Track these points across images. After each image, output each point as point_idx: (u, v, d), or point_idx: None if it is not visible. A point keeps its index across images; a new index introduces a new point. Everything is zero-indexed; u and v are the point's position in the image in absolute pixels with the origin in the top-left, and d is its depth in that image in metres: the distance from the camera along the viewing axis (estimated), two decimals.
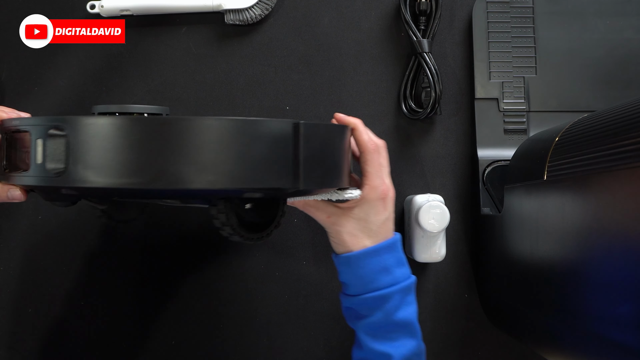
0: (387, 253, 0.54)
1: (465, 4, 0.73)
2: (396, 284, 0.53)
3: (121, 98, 0.71)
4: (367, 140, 0.54)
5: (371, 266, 0.53)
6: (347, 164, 0.51)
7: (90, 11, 0.71)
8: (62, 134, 0.42)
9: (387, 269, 0.53)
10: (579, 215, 0.46)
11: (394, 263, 0.54)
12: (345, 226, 0.54)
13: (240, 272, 0.70)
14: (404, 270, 0.55)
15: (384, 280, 0.53)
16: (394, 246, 0.55)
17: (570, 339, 0.48)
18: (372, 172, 0.54)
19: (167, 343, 0.69)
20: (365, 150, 0.54)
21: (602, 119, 0.48)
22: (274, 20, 0.73)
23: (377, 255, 0.53)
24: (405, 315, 0.54)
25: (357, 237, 0.54)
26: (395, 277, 0.53)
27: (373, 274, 0.53)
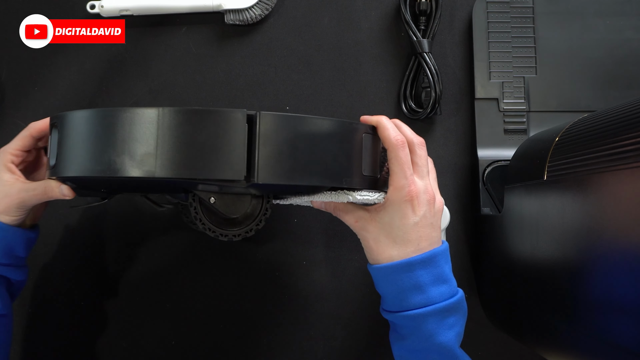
0: (422, 269, 0.48)
1: (465, 4, 0.73)
2: (431, 304, 0.47)
3: (121, 98, 0.71)
4: (391, 136, 0.49)
5: (401, 282, 0.48)
6: (351, 161, 0.48)
7: (90, 11, 0.71)
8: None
9: (420, 287, 0.47)
10: (579, 215, 0.46)
11: (430, 280, 0.48)
12: (371, 232, 0.49)
13: (240, 272, 0.70)
14: (443, 288, 0.48)
15: (415, 300, 0.48)
16: (432, 260, 0.48)
17: (570, 339, 0.48)
18: (396, 171, 0.48)
19: (167, 343, 0.69)
20: (389, 147, 0.49)
21: (602, 119, 0.48)
22: (274, 20, 0.73)
23: (408, 270, 0.48)
24: (443, 340, 0.48)
25: (381, 243, 0.49)
26: (430, 297, 0.47)
27: (404, 291, 0.48)
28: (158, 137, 0.42)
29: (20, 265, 0.57)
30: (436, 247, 0.49)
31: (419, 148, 0.50)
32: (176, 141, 0.42)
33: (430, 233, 0.49)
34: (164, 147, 0.42)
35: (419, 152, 0.50)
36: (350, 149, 0.48)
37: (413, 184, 0.48)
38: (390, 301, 0.49)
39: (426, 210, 0.49)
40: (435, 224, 0.50)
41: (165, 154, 0.42)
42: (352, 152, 0.48)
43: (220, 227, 0.51)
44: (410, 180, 0.48)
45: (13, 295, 0.59)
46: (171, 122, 0.42)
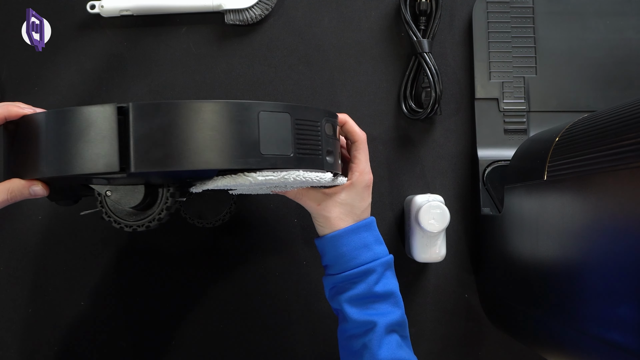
0: (366, 231, 0.57)
1: (465, 4, 0.73)
2: (377, 259, 0.56)
3: (121, 98, 0.71)
4: (358, 131, 0.58)
5: (353, 243, 0.56)
6: (242, 142, 0.46)
7: (90, 11, 0.71)
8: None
9: (367, 246, 0.56)
10: (579, 215, 0.46)
11: (373, 240, 0.57)
12: (333, 212, 0.56)
13: (241, 272, 0.70)
14: (383, 247, 0.57)
15: (365, 256, 0.56)
16: (372, 225, 0.58)
17: (570, 339, 0.48)
18: (362, 160, 0.57)
19: (168, 343, 0.69)
20: (358, 140, 0.58)
21: (602, 119, 0.48)
22: (274, 20, 0.73)
23: (357, 233, 0.56)
24: (386, 286, 0.56)
25: (343, 220, 0.56)
26: (376, 252, 0.56)
27: (355, 250, 0.56)
28: (47, 140, 0.46)
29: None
30: (371, 216, 0.59)
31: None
32: (55, 142, 0.45)
33: (369, 208, 0.59)
34: (50, 148, 0.46)
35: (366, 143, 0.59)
36: (240, 129, 0.46)
37: (370, 171, 0.58)
38: (338, 265, 0.56)
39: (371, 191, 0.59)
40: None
41: (50, 154, 0.46)
42: (242, 133, 0.46)
43: (126, 218, 0.52)
44: (369, 168, 0.58)
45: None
46: (50, 124, 0.46)
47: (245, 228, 0.70)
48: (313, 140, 0.50)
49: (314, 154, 0.50)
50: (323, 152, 0.51)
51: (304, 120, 0.49)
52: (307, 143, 0.50)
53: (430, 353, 0.71)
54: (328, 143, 0.52)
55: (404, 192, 0.71)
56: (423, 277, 0.71)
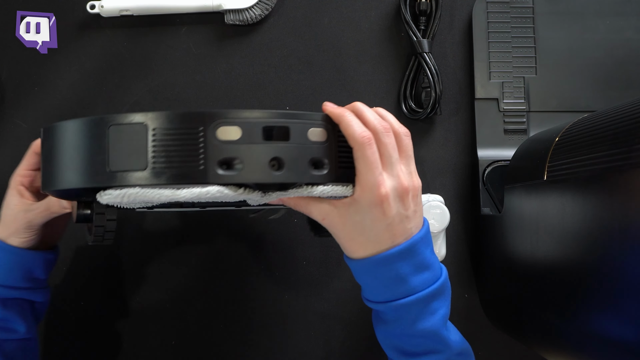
0: (401, 261, 0.46)
1: (465, 4, 0.73)
2: (413, 293, 0.46)
3: (121, 98, 0.71)
4: (356, 134, 0.44)
5: (382, 275, 0.46)
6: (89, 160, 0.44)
7: (90, 11, 0.71)
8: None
9: (402, 279, 0.46)
10: (579, 215, 0.46)
11: (410, 270, 0.46)
12: (342, 230, 0.47)
13: (240, 272, 0.70)
14: (425, 275, 0.47)
15: (399, 291, 0.46)
16: (411, 251, 0.46)
17: (570, 339, 0.48)
18: (363, 172, 0.44)
19: (168, 343, 0.69)
20: (354, 146, 0.45)
21: (602, 119, 0.48)
22: (274, 20, 0.73)
23: (387, 264, 0.46)
24: (427, 325, 0.47)
25: (354, 241, 0.47)
26: (413, 286, 0.46)
27: (386, 283, 0.46)
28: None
29: (41, 287, 0.57)
30: (414, 235, 0.46)
31: (386, 137, 0.46)
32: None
33: (406, 226, 0.46)
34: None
35: (386, 141, 0.45)
36: (91, 146, 0.44)
37: (382, 184, 0.44)
38: (371, 292, 0.48)
39: (399, 207, 0.45)
40: (413, 213, 0.46)
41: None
42: (92, 149, 0.44)
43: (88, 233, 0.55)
44: (380, 180, 0.44)
45: (37, 317, 0.59)
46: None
47: (245, 228, 0.70)
48: (187, 150, 0.43)
49: (187, 165, 0.42)
50: (209, 162, 0.42)
51: (168, 129, 0.43)
52: (175, 154, 0.43)
53: None
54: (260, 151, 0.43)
55: None
56: None
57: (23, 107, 0.71)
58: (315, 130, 0.45)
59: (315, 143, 0.44)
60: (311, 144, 0.44)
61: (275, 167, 0.43)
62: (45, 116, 0.70)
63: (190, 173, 0.42)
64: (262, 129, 0.43)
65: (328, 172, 0.45)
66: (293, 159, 0.43)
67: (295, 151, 0.44)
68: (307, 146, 0.44)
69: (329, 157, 0.45)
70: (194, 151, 0.42)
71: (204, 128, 0.42)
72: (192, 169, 0.42)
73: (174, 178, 0.43)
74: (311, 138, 0.44)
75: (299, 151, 0.44)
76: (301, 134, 0.44)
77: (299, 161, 0.44)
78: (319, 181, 0.45)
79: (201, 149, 0.42)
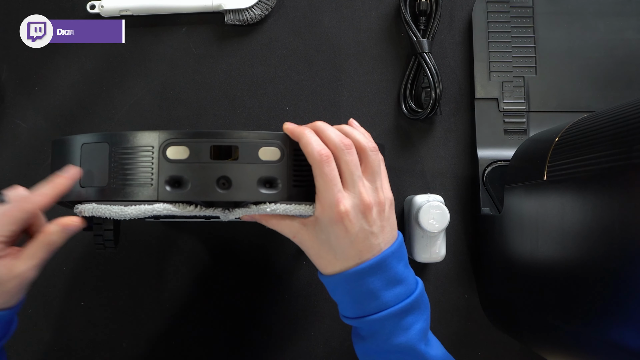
0: (371, 275, 0.46)
1: (465, 4, 0.73)
2: (385, 308, 0.46)
3: (121, 98, 0.71)
4: (314, 152, 0.45)
5: (354, 291, 0.46)
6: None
7: (90, 11, 0.71)
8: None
9: (373, 293, 0.46)
10: (579, 215, 0.46)
11: (381, 285, 0.46)
12: (311, 247, 0.47)
13: (241, 272, 0.70)
14: (397, 290, 0.47)
15: (371, 306, 0.46)
16: (381, 266, 0.46)
17: (570, 339, 0.48)
18: (321, 189, 0.45)
19: (168, 343, 0.69)
20: (312, 164, 0.45)
21: (602, 119, 0.48)
22: (274, 20, 0.73)
23: (358, 279, 0.46)
24: (402, 340, 0.47)
25: (323, 258, 0.47)
26: (385, 301, 0.46)
27: (359, 298, 0.47)
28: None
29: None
30: (384, 251, 0.46)
31: (347, 154, 0.45)
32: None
33: (372, 242, 0.46)
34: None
35: (346, 158, 0.45)
36: (69, 163, 0.48)
37: (341, 202, 0.44)
38: (345, 308, 0.49)
39: (362, 223, 0.45)
40: (380, 229, 0.46)
41: None
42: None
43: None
44: (339, 197, 0.44)
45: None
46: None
47: (245, 228, 0.70)
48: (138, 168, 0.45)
49: (139, 183, 0.45)
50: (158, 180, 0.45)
51: (124, 148, 0.46)
52: (130, 172, 0.46)
53: None
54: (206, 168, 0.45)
55: (404, 192, 0.71)
56: (423, 277, 0.71)
57: (23, 107, 0.71)
58: (267, 150, 0.45)
59: (267, 162, 0.45)
60: (262, 163, 0.45)
61: (226, 185, 0.45)
62: (45, 116, 0.70)
63: (142, 190, 0.45)
64: (209, 148, 0.45)
65: (280, 191, 0.46)
66: (241, 177, 0.45)
67: (244, 170, 0.45)
68: (257, 165, 0.45)
69: (281, 176, 0.46)
70: (145, 169, 0.45)
71: (155, 147, 0.45)
72: (144, 187, 0.45)
73: (128, 195, 0.45)
74: (262, 157, 0.45)
75: (247, 170, 0.45)
76: (251, 153, 0.45)
77: (247, 180, 0.45)
78: (270, 199, 0.46)
79: (152, 167, 0.45)
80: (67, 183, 0.47)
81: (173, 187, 0.45)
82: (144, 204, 0.45)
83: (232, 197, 0.45)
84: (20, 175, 0.69)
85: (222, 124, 0.71)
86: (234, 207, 0.47)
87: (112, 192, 0.46)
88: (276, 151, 0.46)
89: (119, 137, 0.46)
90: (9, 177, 0.69)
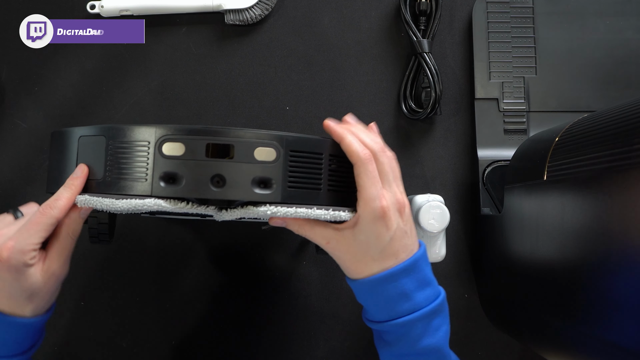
0: (405, 277, 0.47)
1: (465, 4, 0.73)
2: (418, 309, 0.47)
3: (121, 98, 0.71)
4: (359, 152, 0.47)
5: (387, 293, 0.47)
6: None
7: (90, 11, 0.71)
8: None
9: (407, 295, 0.47)
10: (579, 215, 0.46)
11: (414, 287, 0.47)
12: (346, 252, 0.48)
13: (240, 272, 0.70)
14: (428, 292, 0.48)
15: (403, 308, 0.47)
16: (414, 267, 0.47)
17: (570, 339, 0.48)
18: (366, 186, 0.46)
19: (167, 343, 0.69)
20: (357, 162, 0.47)
21: (602, 119, 0.48)
22: (274, 20, 0.73)
23: (393, 280, 0.47)
24: (431, 342, 0.48)
25: (359, 262, 0.47)
26: (417, 302, 0.47)
27: (391, 301, 0.47)
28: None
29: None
30: (415, 252, 0.48)
31: (383, 156, 0.48)
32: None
33: (407, 242, 0.48)
34: None
35: (383, 159, 0.48)
36: (67, 155, 0.49)
37: (384, 198, 0.46)
38: (376, 311, 0.49)
39: (399, 221, 0.47)
40: (409, 230, 0.48)
41: None
42: (66, 159, 0.49)
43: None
44: (381, 194, 0.46)
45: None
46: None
47: (245, 228, 0.70)
48: (133, 163, 0.45)
49: (134, 177, 0.45)
50: (153, 176, 0.45)
51: (121, 142, 0.46)
52: (125, 166, 0.46)
53: None
54: (197, 166, 0.45)
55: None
56: None
57: (23, 107, 0.71)
58: (263, 150, 0.45)
59: (262, 162, 0.45)
60: (257, 162, 0.45)
61: (220, 183, 0.45)
62: (45, 116, 0.70)
63: (136, 185, 0.45)
64: (205, 145, 0.45)
65: (274, 191, 0.45)
66: (235, 176, 0.45)
67: (238, 169, 0.45)
68: (253, 165, 0.45)
69: (276, 176, 0.45)
70: (140, 164, 0.45)
71: (151, 143, 0.45)
72: (138, 181, 0.45)
73: (122, 189, 0.46)
74: (258, 157, 0.45)
75: (242, 169, 0.45)
76: (247, 152, 0.45)
77: (242, 179, 0.45)
78: (264, 200, 0.45)
79: (147, 162, 0.45)
80: (82, 182, 0.47)
81: (167, 183, 0.45)
82: (135, 198, 0.45)
83: (226, 196, 0.45)
84: (20, 175, 0.69)
85: (222, 124, 0.71)
86: (227, 205, 0.47)
87: (107, 185, 0.46)
88: (272, 152, 0.46)
89: (115, 130, 0.46)
90: (9, 177, 0.69)
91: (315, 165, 0.47)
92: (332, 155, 0.48)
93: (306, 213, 0.46)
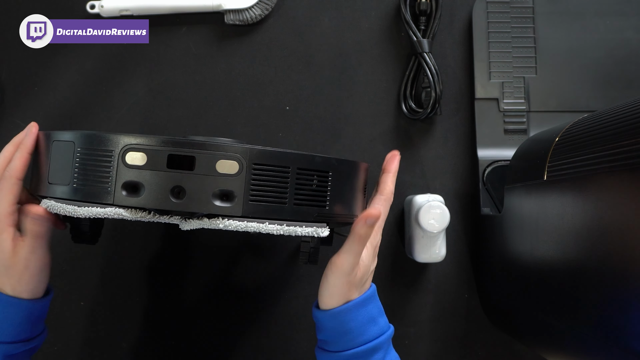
0: (372, 302, 0.51)
1: (465, 4, 0.73)
2: (383, 333, 0.51)
3: (121, 98, 0.71)
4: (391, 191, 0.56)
5: (360, 318, 0.50)
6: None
7: (90, 11, 0.71)
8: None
9: (374, 320, 0.51)
10: (579, 215, 0.46)
11: (378, 313, 0.51)
12: (350, 274, 0.50)
13: (240, 272, 0.70)
14: (384, 318, 0.53)
15: (372, 332, 0.50)
16: (374, 295, 0.52)
17: (570, 339, 0.48)
18: (376, 204, 0.55)
19: (167, 343, 0.69)
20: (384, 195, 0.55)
21: (602, 119, 0.48)
22: (274, 20, 0.73)
23: (365, 305, 0.50)
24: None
25: (339, 288, 0.50)
26: (381, 327, 0.51)
27: (362, 326, 0.50)
28: None
29: (43, 330, 0.54)
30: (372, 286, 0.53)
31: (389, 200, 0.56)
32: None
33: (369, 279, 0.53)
34: None
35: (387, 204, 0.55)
36: (42, 159, 0.50)
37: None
38: (338, 342, 0.50)
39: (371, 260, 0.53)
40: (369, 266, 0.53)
41: None
42: (42, 162, 0.50)
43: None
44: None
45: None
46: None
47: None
48: (98, 171, 0.45)
49: (97, 185, 0.45)
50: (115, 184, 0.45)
51: (87, 149, 0.46)
52: (91, 174, 0.46)
53: (430, 353, 0.71)
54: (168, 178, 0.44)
55: (404, 192, 0.71)
56: (423, 277, 0.71)
57: (23, 107, 0.71)
58: (225, 163, 0.45)
59: (224, 175, 0.45)
60: (218, 175, 0.45)
61: (180, 195, 0.45)
62: (45, 116, 0.70)
63: (99, 193, 0.45)
64: (167, 156, 0.44)
65: (235, 205, 0.45)
66: (196, 189, 0.44)
67: (199, 181, 0.44)
68: (213, 177, 0.45)
69: (238, 190, 0.45)
70: (104, 172, 0.45)
71: (115, 151, 0.45)
72: (101, 189, 0.45)
73: (86, 196, 0.46)
74: (219, 170, 0.45)
75: (203, 182, 0.44)
76: (208, 165, 0.45)
77: (202, 192, 0.44)
78: (223, 213, 0.45)
79: (110, 171, 0.45)
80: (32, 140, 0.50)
81: (129, 192, 0.45)
82: (97, 206, 0.45)
83: (186, 208, 0.45)
84: None
85: (222, 124, 0.71)
86: (189, 216, 0.47)
87: (72, 191, 0.46)
88: (234, 164, 0.45)
89: (83, 137, 0.46)
90: None
91: (281, 179, 0.46)
92: (300, 169, 0.47)
93: (275, 229, 0.46)
